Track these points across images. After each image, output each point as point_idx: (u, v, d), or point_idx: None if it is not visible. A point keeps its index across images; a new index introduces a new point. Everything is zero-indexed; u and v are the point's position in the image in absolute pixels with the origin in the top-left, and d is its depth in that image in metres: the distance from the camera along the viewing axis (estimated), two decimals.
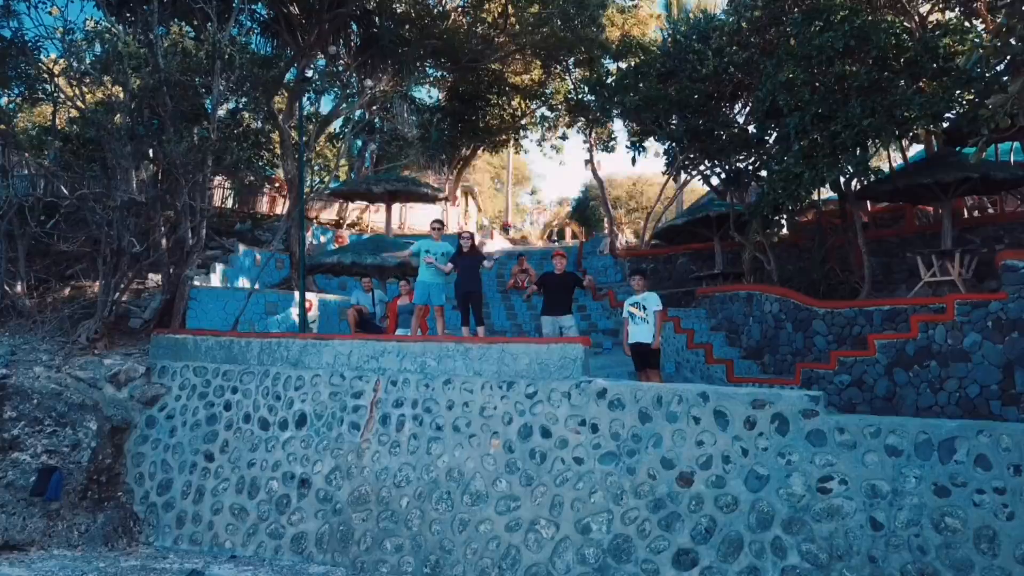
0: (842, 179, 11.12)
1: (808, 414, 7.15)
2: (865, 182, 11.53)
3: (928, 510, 6.39)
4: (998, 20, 9.60)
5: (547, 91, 26.49)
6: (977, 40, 9.73)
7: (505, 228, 39.79)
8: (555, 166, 79.62)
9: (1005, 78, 8.89)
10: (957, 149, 12.86)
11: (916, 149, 17.89)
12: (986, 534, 6.13)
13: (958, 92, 10.09)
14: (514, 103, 26.61)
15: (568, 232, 42.80)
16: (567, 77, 25.34)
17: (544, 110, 27.60)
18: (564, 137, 28.29)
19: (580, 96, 23.79)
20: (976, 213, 16.11)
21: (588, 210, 41.96)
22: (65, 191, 11.03)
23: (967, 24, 11.02)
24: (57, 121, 14.00)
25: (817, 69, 10.56)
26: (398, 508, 8.52)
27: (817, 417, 7.12)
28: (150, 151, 11.72)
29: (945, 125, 11.42)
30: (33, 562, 8.74)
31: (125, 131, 9.96)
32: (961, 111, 10.09)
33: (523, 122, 27.35)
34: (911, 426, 6.75)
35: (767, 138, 12.25)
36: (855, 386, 10.16)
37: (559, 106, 26.50)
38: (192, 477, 9.98)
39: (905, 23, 12.62)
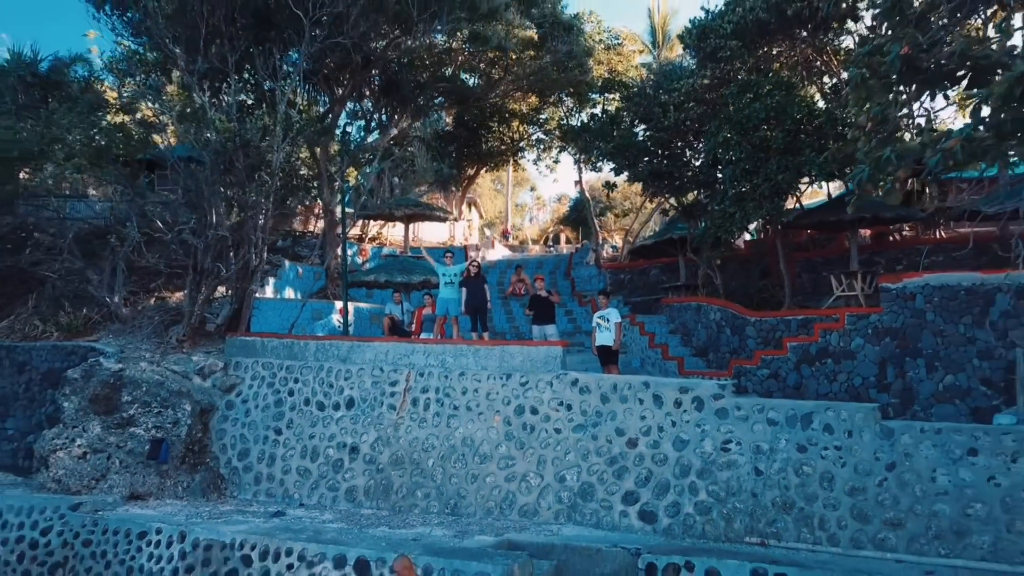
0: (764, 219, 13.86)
1: (717, 397, 9.90)
2: (783, 221, 14.28)
3: (792, 461, 9.15)
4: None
5: (542, 116, 29.22)
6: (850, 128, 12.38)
7: (505, 235, 42.62)
8: (550, 183, 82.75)
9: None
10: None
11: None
12: (827, 476, 8.89)
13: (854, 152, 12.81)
14: (513, 126, 29.31)
15: (563, 238, 45.49)
16: (560, 106, 28.07)
17: (539, 134, 30.34)
18: (557, 161, 31.01)
19: (571, 126, 26.49)
20: (897, 236, 18.87)
21: (585, 210, 44.52)
22: (160, 224, 13.71)
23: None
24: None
25: (746, 133, 13.27)
26: (426, 467, 11.27)
27: (723, 399, 9.87)
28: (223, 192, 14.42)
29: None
30: (155, 508, 11.47)
31: (215, 180, 12.68)
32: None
33: (521, 145, 30.07)
34: (784, 405, 9.51)
35: (712, 181, 14.96)
36: (772, 378, 12.91)
37: (553, 131, 29.23)
38: (265, 447, 12.70)
39: (827, 87, 15.37)
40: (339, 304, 15.98)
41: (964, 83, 7.41)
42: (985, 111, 6.35)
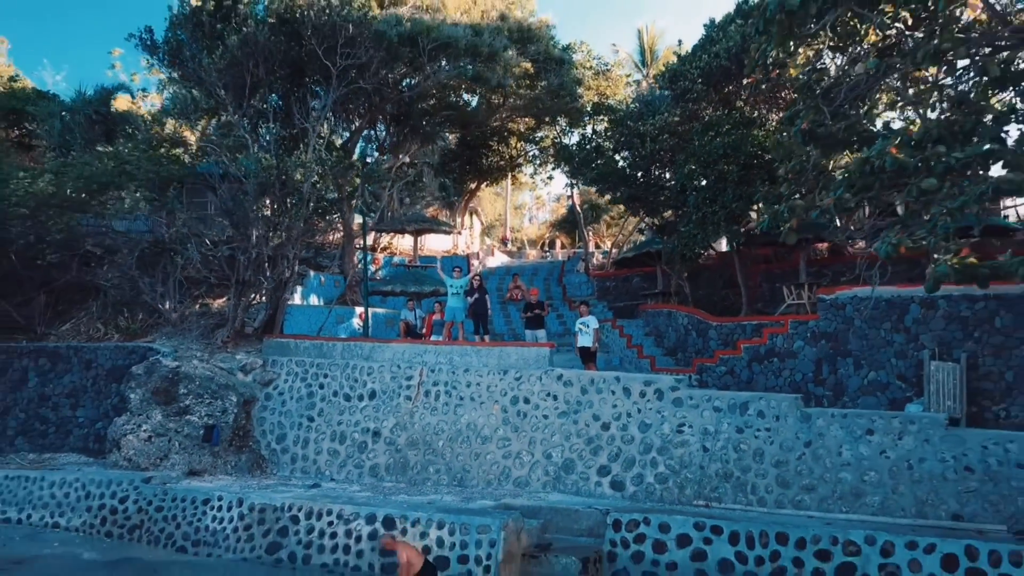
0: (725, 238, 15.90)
1: (674, 389, 11.91)
2: (738, 241, 16.33)
3: (732, 440, 11.17)
4: None
5: (538, 135, 31.24)
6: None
7: (504, 241, 44.71)
8: (545, 194, 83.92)
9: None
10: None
11: None
12: (759, 452, 10.91)
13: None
14: (511, 144, 31.32)
15: (558, 243, 47.53)
16: (554, 126, 30.12)
17: (535, 151, 32.38)
18: (551, 177, 33.07)
19: (564, 145, 28.51)
20: (850, 250, 20.88)
21: (577, 220, 46.45)
22: (208, 242, 15.71)
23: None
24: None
25: (708, 165, 15.30)
26: (437, 447, 13.28)
27: (679, 391, 11.88)
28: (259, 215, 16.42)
29: None
30: (211, 482, 13.46)
31: (258, 207, 14.72)
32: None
33: (519, 161, 32.10)
34: (726, 395, 11.53)
35: (681, 204, 16.97)
36: (729, 374, 14.91)
37: (548, 149, 31.26)
38: (299, 432, 14.69)
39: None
40: (359, 309, 17.98)
41: (855, 147, 9.45)
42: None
